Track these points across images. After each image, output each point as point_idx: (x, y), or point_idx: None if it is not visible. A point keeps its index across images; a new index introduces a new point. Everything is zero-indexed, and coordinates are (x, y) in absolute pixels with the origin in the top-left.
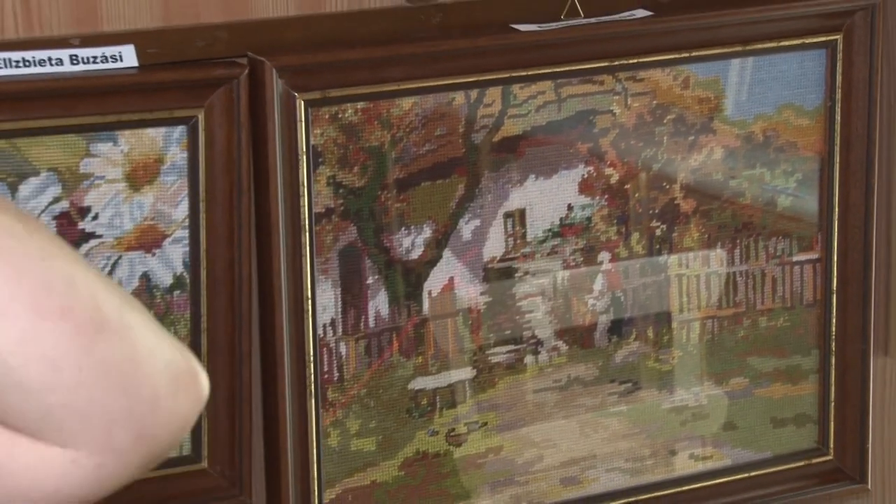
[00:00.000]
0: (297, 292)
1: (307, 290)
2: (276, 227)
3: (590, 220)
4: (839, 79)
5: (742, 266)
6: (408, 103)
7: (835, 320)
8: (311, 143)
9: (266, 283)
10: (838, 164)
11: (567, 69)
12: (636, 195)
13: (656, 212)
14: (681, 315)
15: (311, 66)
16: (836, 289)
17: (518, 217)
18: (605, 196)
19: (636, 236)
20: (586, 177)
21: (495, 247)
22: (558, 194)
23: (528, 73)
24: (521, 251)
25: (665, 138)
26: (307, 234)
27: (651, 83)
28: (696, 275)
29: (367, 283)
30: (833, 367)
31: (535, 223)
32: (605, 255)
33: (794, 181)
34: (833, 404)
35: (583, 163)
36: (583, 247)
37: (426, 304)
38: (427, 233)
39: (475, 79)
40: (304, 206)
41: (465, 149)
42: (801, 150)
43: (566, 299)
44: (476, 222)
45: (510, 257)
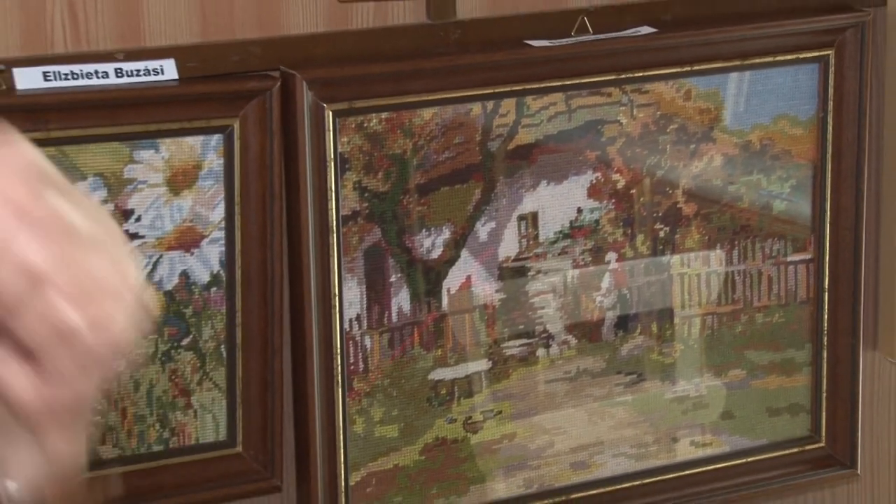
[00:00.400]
0: (325, 289)
1: (334, 287)
2: (305, 229)
3: (598, 222)
4: (831, 91)
5: (740, 266)
6: (428, 113)
7: (826, 316)
8: (339, 150)
9: (296, 280)
10: (830, 171)
11: (577, 82)
12: (641, 199)
13: (660, 215)
14: (682, 311)
15: (339, 78)
16: (827, 287)
17: (531, 219)
18: (612, 200)
19: (641, 238)
20: (594, 182)
21: (509, 247)
22: (568, 198)
23: (541, 85)
24: (534, 251)
25: (668, 146)
26: (335, 235)
27: (655, 95)
28: (697, 274)
29: (391, 280)
30: (825, 360)
31: (546, 225)
32: (611, 255)
33: (789, 187)
34: (825, 395)
35: (591, 169)
36: (591, 247)
37: (445, 301)
38: (446, 234)
39: (491, 91)
40: (332, 209)
41: (482, 156)
42: (795, 157)
43: (575, 296)
44: (492, 224)
45: (523, 257)
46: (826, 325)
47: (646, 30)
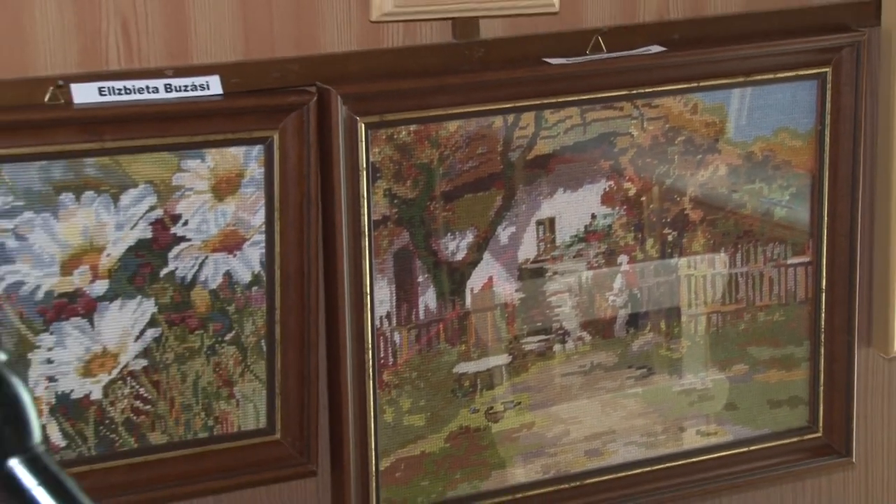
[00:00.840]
0: (357, 289)
1: (366, 286)
2: (339, 233)
3: (610, 227)
4: (828, 106)
5: (743, 268)
6: (453, 126)
7: (824, 315)
8: (371, 160)
9: (331, 280)
10: (827, 180)
11: (591, 97)
12: (651, 206)
13: (668, 220)
14: (689, 310)
15: (371, 93)
16: (825, 288)
17: (548, 224)
18: (624, 206)
19: (651, 241)
20: (608, 190)
21: (528, 250)
22: (583, 205)
23: (558, 100)
24: (551, 254)
25: (676, 157)
26: (366, 239)
27: (664, 109)
28: (703, 275)
29: (418, 281)
30: (822, 356)
31: (563, 230)
32: (623, 258)
33: (789, 195)
34: (822, 388)
35: (605, 178)
36: (604, 250)
37: (468, 300)
38: (469, 238)
39: (512, 105)
40: (364, 215)
41: (503, 165)
42: (794, 167)
43: (590, 296)
44: (512, 229)
45: (541, 259)
46: (823, 323)
47: (656, 49)
